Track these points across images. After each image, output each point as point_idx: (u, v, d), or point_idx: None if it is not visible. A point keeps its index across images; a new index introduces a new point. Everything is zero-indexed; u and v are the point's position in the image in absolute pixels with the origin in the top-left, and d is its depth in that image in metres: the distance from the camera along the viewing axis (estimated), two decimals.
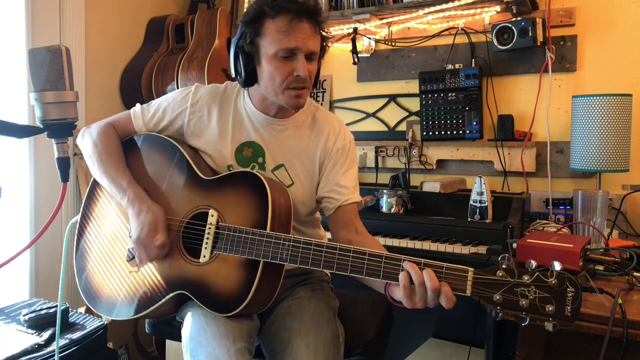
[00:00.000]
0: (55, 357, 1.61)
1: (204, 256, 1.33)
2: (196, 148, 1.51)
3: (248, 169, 1.44)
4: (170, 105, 1.51)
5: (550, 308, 1.02)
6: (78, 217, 1.56)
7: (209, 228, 1.34)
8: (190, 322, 1.32)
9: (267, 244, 1.26)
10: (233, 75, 1.46)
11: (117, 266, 1.45)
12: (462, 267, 1.10)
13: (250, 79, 1.42)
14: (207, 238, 1.34)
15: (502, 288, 1.06)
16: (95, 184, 1.56)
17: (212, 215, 1.35)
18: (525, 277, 1.05)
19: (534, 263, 1.05)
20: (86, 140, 1.52)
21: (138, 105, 1.56)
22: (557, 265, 1.03)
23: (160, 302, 1.36)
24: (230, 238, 1.30)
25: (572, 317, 1.01)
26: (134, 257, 1.43)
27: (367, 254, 1.17)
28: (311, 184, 1.50)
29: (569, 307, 1.02)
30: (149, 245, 1.33)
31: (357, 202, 1.49)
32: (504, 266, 1.07)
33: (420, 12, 2.42)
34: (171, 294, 1.34)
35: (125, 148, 1.51)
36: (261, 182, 1.33)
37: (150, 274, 1.40)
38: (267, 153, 1.48)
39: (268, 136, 1.49)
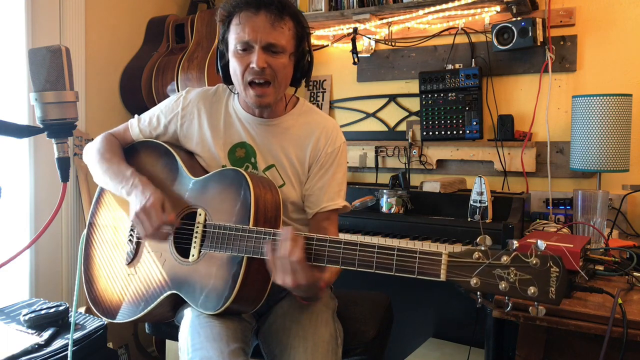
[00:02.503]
0: (69, 350, 1.62)
1: (193, 255, 1.34)
2: (192, 151, 1.53)
3: (232, 167, 1.45)
4: (164, 112, 1.54)
5: (533, 290, 0.95)
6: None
7: (197, 227, 1.35)
8: (185, 325, 1.32)
9: (249, 239, 1.26)
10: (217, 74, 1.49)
11: (118, 271, 1.46)
12: (436, 250, 1.07)
13: (225, 77, 1.46)
14: (196, 237, 1.35)
15: (478, 270, 0.99)
16: (100, 193, 1.59)
17: (200, 214, 1.36)
18: (504, 258, 0.98)
19: (515, 243, 0.98)
20: (90, 152, 1.55)
21: (135, 115, 1.59)
22: (542, 245, 0.96)
23: (154, 304, 1.36)
24: (216, 236, 1.30)
25: (557, 299, 0.95)
26: (131, 261, 1.43)
27: (343, 242, 1.17)
28: (300, 185, 1.50)
29: (553, 289, 0.95)
30: (153, 212, 1.30)
31: (335, 209, 1.48)
32: (481, 248, 1.01)
33: (420, 12, 2.42)
34: (163, 295, 1.35)
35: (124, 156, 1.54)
36: (244, 179, 1.33)
37: (146, 276, 1.40)
38: (257, 153, 1.49)
39: (258, 136, 1.49)
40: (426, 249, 1.08)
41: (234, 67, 1.39)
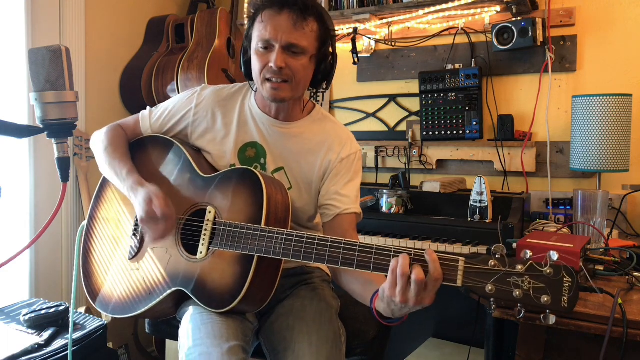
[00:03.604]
0: (69, 357, 1.62)
1: (201, 252, 1.34)
2: (200, 148, 1.53)
3: (244, 166, 1.45)
4: (176, 107, 1.53)
5: (546, 299, 0.98)
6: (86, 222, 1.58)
7: (206, 224, 1.35)
8: (187, 321, 1.32)
9: (261, 238, 1.26)
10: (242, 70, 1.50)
11: (120, 265, 1.46)
12: (453, 256, 1.07)
13: (247, 72, 1.47)
14: (204, 234, 1.34)
15: (494, 278, 1.01)
16: (101, 186, 1.59)
17: (210, 212, 1.36)
18: (519, 267, 1.00)
19: (529, 253, 1.01)
20: (96, 141, 1.56)
21: (148, 108, 1.59)
22: (554, 255, 0.99)
23: (158, 300, 1.36)
24: (226, 234, 1.30)
25: (569, 308, 0.97)
26: (135, 256, 1.43)
27: (358, 246, 1.17)
28: (309, 191, 1.49)
29: (565, 298, 0.97)
30: (155, 218, 1.31)
31: (356, 212, 1.47)
32: (497, 255, 1.03)
33: (420, 12, 2.42)
34: (168, 291, 1.35)
35: (131, 150, 1.54)
36: (257, 178, 1.33)
37: (150, 271, 1.40)
38: (268, 155, 1.48)
39: (270, 138, 1.49)
40: (443, 254, 1.08)
41: (254, 64, 1.39)
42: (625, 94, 2.05)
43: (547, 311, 0.99)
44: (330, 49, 1.44)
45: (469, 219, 2.10)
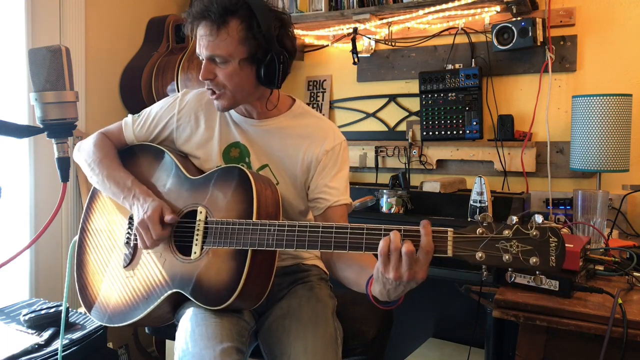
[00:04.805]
0: (59, 357, 1.62)
1: (195, 252, 1.34)
2: (187, 154, 1.53)
3: (231, 164, 1.45)
4: (159, 114, 1.54)
5: (535, 260, 1.00)
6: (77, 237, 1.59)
7: (198, 224, 1.35)
8: (182, 323, 1.32)
9: (253, 232, 1.27)
10: None
11: (114, 274, 1.46)
12: (442, 228, 1.09)
13: None
14: (197, 234, 1.35)
15: (483, 244, 1.04)
16: (91, 198, 1.59)
17: (201, 212, 1.36)
18: (506, 232, 1.03)
19: (514, 218, 1.04)
20: (83, 151, 1.55)
21: (130, 115, 1.58)
22: (539, 218, 1.02)
23: (155, 304, 1.36)
24: (218, 231, 1.31)
25: (557, 266, 1.00)
26: (129, 263, 1.44)
27: (349, 227, 1.18)
28: (295, 185, 1.50)
29: (553, 257, 1.00)
30: (154, 222, 1.32)
31: (347, 204, 1.48)
32: (484, 224, 1.05)
33: (420, 12, 2.42)
34: (165, 295, 1.35)
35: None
36: (245, 175, 1.34)
37: (145, 277, 1.40)
38: (252, 153, 1.49)
39: (251, 136, 1.50)
40: (432, 228, 1.09)
41: None
42: (625, 94, 2.05)
43: (537, 272, 1.02)
44: (271, 45, 1.34)
45: (469, 219, 2.10)
